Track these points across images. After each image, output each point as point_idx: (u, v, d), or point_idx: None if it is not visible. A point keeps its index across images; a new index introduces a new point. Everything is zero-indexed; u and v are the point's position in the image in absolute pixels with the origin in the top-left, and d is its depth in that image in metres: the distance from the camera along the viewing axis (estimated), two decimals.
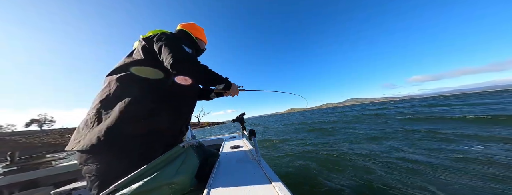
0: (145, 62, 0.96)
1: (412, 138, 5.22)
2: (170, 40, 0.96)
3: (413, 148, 4.20)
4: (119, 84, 0.88)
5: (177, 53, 0.90)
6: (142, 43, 1.00)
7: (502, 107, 11.23)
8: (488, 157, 3.15)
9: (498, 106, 12.15)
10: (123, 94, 0.86)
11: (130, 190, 0.59)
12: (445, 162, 3.17)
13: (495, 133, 4.90)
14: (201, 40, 1.38)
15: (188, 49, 0.98)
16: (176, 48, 0.93)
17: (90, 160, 0.76)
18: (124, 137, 0.78)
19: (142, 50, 0.98)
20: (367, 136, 6.19)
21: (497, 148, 3.61)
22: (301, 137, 7.99)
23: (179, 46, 0.95)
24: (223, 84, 1.19)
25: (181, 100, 1.05)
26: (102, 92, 0.90)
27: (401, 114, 13.30)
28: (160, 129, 0.90)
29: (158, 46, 0.94)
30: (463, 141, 4.45)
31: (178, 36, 1.05)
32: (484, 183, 2.35)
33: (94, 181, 0.75)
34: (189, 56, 0.95)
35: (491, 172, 2.63)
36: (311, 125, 12.17)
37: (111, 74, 0.93)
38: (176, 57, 0.87)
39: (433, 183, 2.47)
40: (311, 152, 4.81)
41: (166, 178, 0.68)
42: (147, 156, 0.79)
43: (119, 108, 0.81)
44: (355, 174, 3.03)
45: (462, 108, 13.10)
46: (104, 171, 0.75)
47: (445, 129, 6.16)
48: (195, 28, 1.35)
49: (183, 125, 1.10)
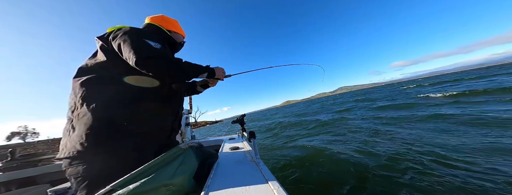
0: (110, 63, 0.89)
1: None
2: (129, 36, 0.87)
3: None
4: (85, 89, 0.83)
5: (139, 50, 0.82)
6: (100, 43, 0.91)
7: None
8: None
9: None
10: (92, 99, 0.82)
11: (127, 191, 0.58)
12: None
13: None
14: (176, 33, 1.25)
15: (155, 44, 0.89)
16: (137, 44, 0.84)
17: (75, 162, 0.76)
18: (107, 139, 0.78)
19: (102, 51, 0.90)
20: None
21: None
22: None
23: (141, 41, 0.86)
24: (206, 73, 1.12)
25: (165, 97, 1.02)
26: (70, 98, 0.86)
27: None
28: (148, 129, 0.90)
29: (117, 45, 0.86)
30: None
31: (141, 31, 0.95)
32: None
33: (80, 182, 0.75)
34: (154, 51, 0.86)
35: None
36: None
37: (75, 78, 0.87)
38: (139, 55, 0.80)
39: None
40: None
41: (163, 179, 0.67)
42: (136, 156, 0.79)
43: (92, 113, 0.78)
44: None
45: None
46: (89, 172, 0.75)
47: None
48: (166, 20, 1.21)
49: (174, 122, 1.09)
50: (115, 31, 0.91)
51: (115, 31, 0.91)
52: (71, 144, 0.76)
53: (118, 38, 0.87)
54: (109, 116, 0.81)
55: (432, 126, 4.88)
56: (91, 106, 0.80)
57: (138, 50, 0.81)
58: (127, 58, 0.84)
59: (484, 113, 5.16)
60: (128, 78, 0.89)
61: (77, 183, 0.75)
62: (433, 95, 11.25)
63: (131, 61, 0.81)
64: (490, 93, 8.91)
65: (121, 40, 0.86)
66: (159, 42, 0.92)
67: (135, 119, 0.85)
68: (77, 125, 0.78)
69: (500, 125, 3.99)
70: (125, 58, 0.85)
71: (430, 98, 11.01)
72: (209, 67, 1.15)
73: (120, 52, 0.87)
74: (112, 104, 0.83)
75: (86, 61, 0.93)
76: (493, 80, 14.36)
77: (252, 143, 1.22)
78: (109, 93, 0.84)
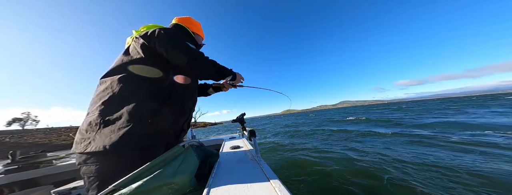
0: (146, 60, 0.92)
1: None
2: (174, 37, 0.94)
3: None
4: (122, 85, 0.85)
5: (188, 52, 0.90)
6: (140, 41, 0.93)
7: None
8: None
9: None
10: (129, 95, 0.84)
11: (130, 190, 0.59)
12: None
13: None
14: (198, 35, 1.32)
15: (192, 46, 0.96)
16: (183, 46, 0.92)
17: (91, 160, 0.75)
18: (131, 137, 0.78)
19: (141, 48, 0.93)
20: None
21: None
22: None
23: (185, 44, 0.94)
24: (231, 76, 1.20)
25: (183, 97, 1.04)
26: (104, 93, 0.86)
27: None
28: (163, 128, 0.90)
29: (163, 44, 0.91)
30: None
31: (180, 33, 1.04)
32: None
33: (93, 181, 0.75)
34: (198, 53, 0.95)
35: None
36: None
37: (110, 75, 0.90)
38: (189, 56, 0.88)
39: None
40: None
41: (165, 178, 0.68)
42: (149, 156, 0.78)
43: (127, 109, 0.80)
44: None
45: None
46: (104, 171, 0.75)
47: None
48: (192, 23, 1.28)
49: (185, 123, 1.10)
50: (159, 31, 0.93)
51: (159, 31, 0.93)
52: (103, 138, 0.75)
53: (164, 38, 0.92)
54: (140, 113, 0.82)
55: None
56: (128, 102, 0.82)
57: (187, 52, 0.90)
58: (173, 58, 0.91)
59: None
60: (156, 77, 0.93)
61: (90, 182, 0.75)
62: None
63: (181, 61, 0.89)
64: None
65: (167, 40, 0.91)
66: (193, 44, 1.02)
67: (156, 118, 0.86)
68: (113, 119, 0.78)
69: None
70: (171, 59, 0.92)
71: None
72: (232, 71, 1.22)
73: (166, 52, 0.91)
74: (144, 101, 0.85)
75: (121, 57, 0.95)
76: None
77: (253, 141, 1.22)
78: (142, 90, 0.88)
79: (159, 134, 0.87)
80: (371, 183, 2.71)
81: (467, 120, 8.46)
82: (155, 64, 0.93)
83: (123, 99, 0.83)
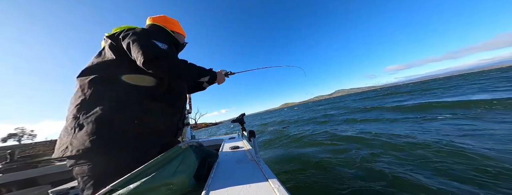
0: (118, 62, 0.90)
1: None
2: (138, 36, 0.87)
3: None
4: (94, 87, 0.83)
5: (148, 51, 0.82)
6: (109, 41, 0.91)
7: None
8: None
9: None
10: (102, 97, 0.82)
11: (128, 190, 0.59)
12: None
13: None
14: (179, 34, 1.25)
15: (163, 45, 0.89)
16: (146, 44, 0.84)
17: (82, 161, 0.76)
18: (116, 138, 0.77)
19: (111, 50, 0.91)
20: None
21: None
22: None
23: (150, 42, 0.86)
24: (207, 76, 1.14)
25: (171, 96, 1.03)
26: (76, 97, 0.84)
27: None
28: (156, 128, 0.90)
29: (126, 44, 0.86)
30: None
31: (150, 32, 0.95)
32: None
33: (87, 181, 0.75)
34: (163, 52, 0.86)
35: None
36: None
37: (81, 76, 0.87)
38: (148, 55, 0.80)
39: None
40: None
41: (164, 178, 0.67)
42: (142, 155, 0.79)
43: (102, 112, 0.78)
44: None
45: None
46: (97, 170, 0.75)
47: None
48: (168, 21, 1.20)
49: (179, 121, 1.09)
50: (126, 31, 0.92)
51: (126, 31, 0.92)
52: (79, 142, 0.75)
53: (127, 37, 0.88)
54: (119, 115, 0.81)
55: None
56: (101, 104, 0.80)
57: (146, 51, 0.81)
58: (135, 58, 0.84)
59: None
60: (135, 77, 0.90)
61: (84, 182, 0.75)
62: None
63: (139, 61, 0.82)
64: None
65: (130, 39, 0.86)
66: (166, 43, 0.92)
67: (143, 118, 0.85)
68: (85, 123, 0.77)
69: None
70: (133, 58, 0.86)
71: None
72: (212, 70, 1.17)
73: (129, 52, 0.87)
74: (122, 102, 0.83)
75: (93, 59, 0.93)
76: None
77: (252, 142, 1.22)
78: (118, 92, 0.85)
79: (149, 134, 0.87)
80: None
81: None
82: (128, 64, 0.89)
83: (96, 102, 0.81)
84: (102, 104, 0.80)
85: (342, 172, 2.75)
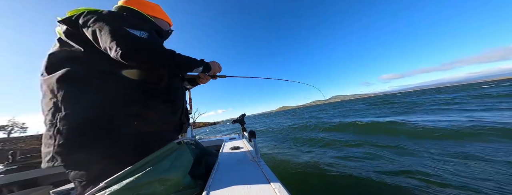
0: (88, 54, 0.76)
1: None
2: (108, 23, 0.71)
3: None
4: (66, 87, 0.71)
5: (123, 40, 0.68)
6: (64, 28, 0.75)
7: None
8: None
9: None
10: (77, 97, 0.71)
11: (121, 186, 0.58)
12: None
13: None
14: (160, 19, 1.08)
15: (141, 33, 0.75)
16: (120, 33, 0.70)
17: (72, 168, 0.72)
18: (106, 141, 0.71)
19: (71, 39, 0.75)
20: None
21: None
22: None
23: (123, 29, 0.71)
24: (201, 67, 1.02)
25: (166, 92, 0.93)
26: (46, 100, 0.72)
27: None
28: (157, 126, 0.87)
29: (91, 32, 0.71)
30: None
31: (122, 16, 0.80)
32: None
33: (86, 186, 0.71)
34: (141, 41, 0.72)
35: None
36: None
37: (47, 74, 0.74)
38: (124, 46, 0.66)
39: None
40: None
41: (157, 174, 0.66)
42: (140, 155, 0.74)
43: (81, 114, 0.69)
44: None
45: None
46: (93, 175, 0.71)
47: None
48: (145, 4, 1.02)
49: (182, 116, 1.04)
50: (86, 14, 0.74)
51: (86, 14, 0.74)
52: (62, 149, 0.68)
53: (91, 23, 0.71)
54: (101, 115, 0.72)
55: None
56: (76, 105, 0.71)
57: (123, 41, 0.68)
58: (106, 50, 0.70)
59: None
60: (119, 71, 0.77)
61: (82, 187, 0.72)
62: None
63: (115, 53, 0.67)
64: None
65: (96, 27, 0.70)
66: (145, 30, 0.78)
67: (133, 118, 0.78)
68: (65, 129, 0.68)
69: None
70: (104, 49, 0.71)
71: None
72: (203, 61, 1.05)
73: (95, 42, 0.72)
74: (100, 101, 0.73)
75: (54, 52, 0.77)
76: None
77: (253, 142, 1.21)
78: (98, 90, 0.74)
79: (150, 133, 0.81)
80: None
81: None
82: (99, 56, 0.75)
83: (67, 105, 0.70)
84: (78, 104, 0.71)
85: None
